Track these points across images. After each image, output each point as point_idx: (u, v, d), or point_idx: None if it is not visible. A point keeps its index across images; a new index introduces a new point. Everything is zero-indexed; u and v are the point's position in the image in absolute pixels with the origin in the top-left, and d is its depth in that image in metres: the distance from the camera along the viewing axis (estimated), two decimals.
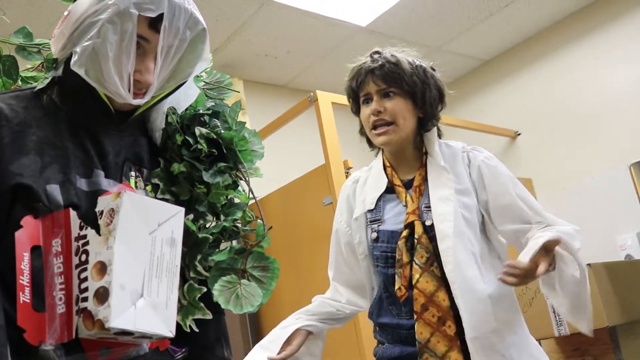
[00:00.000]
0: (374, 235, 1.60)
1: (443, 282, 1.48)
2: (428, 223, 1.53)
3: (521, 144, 4.37)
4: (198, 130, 1.25)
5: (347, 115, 4.28)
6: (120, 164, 1.18)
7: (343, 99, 3.17)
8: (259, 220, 1.32)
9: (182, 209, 1.11)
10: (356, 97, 1.69)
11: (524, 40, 4.43)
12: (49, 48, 1.21)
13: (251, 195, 1.36)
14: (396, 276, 1.52)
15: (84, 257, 1.00)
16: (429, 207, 1.55)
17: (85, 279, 0.98)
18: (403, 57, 1.62)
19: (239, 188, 1.36)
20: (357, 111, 1.72)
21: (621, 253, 3.57)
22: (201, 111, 1.30)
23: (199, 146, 1.24)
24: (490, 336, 1.44)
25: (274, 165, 3.96)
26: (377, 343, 1.66)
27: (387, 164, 1.68)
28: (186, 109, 1.29)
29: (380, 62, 1.60)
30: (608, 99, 3.91)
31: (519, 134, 4.41)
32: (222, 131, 1.29)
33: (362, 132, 1.74)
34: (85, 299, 0.97)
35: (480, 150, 1.67)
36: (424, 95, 1.60)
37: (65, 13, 1.09)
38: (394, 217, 1.60)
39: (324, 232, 2.94)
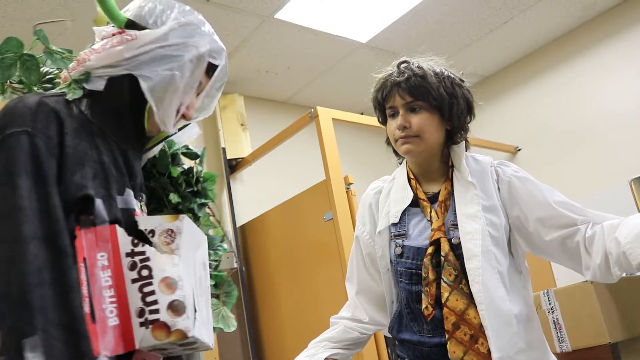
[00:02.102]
0: (399, 250, 1.56)
1: (472, 299, 1.46)
2: (455, 241, 1.50)
3: (521, 160, 4.38)
4: (196, 167, 1.39)
5: (348, 131, 4.30)
6: (139, 187, 1.22)
7: (343, 115, 3.21)
8: (226, 252, 1.48)
9: (206, 237, 1.20)
10: (382, 108, 1.63)
11: (523, 57, 4.45)
12: (65, 57, 1.24)
13: (225, 232, 1.56)
14: (423, 295, 1.50)
15: (145, 272, 1.05)
16: (456, 224, 1.52)
17: (151, 292, 1.04)
18: (430, 68, 1.57)
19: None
20: (383, 121, 1.67)
21: None
22: (183, 150, 1.42)
23: (190, 180, 1.37)
24: (515, 356, 1.42)
25: (274, 181, 3.98)
26: (396, 357, 1.63)
27: (412, 176, 1.64)
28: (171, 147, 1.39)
29: (406, 75, 1.55)
30: (608, 114, 3.92)
31: (519, 150, 4.42)
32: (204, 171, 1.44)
33: (388, 142, 1.69)
34: (154, 311, 1.03)
35: (507, 164, 1.63)
36: (451, 108, 1.56)
37: (128, 37, 1.13)
38: (419, 232, 1.56)
39: (324, 248, 2.94)
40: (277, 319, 3.32)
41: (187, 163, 1.43)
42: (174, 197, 1.32)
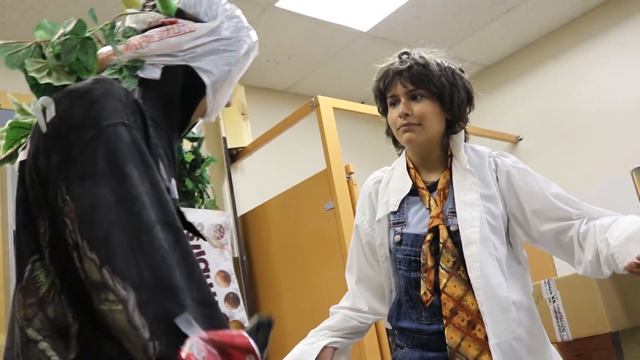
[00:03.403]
0: (397, 237, 1.58)
1: (470, 286, 1.47)
2: (453, 228, 1.52)
3: (522, 149, 4.37)
4: (206, 153, 1.40)
5: (349, 121, 4.29)
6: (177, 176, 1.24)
7: (344, 104, 3.20)
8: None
9: None
10: (383, 97, 1.65)
11: (525, 46, 4.44)
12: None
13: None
14: (421, 281, 1.51)
15: (202, 265, 1.03)
16: (454, 211, 1.53)
17: (210, 284, 1.02)
18: (431, 59, 1.59)
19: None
20: (383, 111, 1.69)
21: None
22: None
23: (198, 164, 1.37)
24: (513, 342, 1.43)
25: (275, 171, 3.98)
26: (395, 347, 1.64)
27: (411, 165, 1.66)
28: None
29: (408, 64, 1.57)
30: (609, 104, 3.91)
31: (520, 139, 4.41)
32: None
33: (388, 132, 1.71)
34: None
35: (506, 155, 1.65)
36: (452, 97, 1.58)
37: (186, 29, 1.13)
38: (418, 220, 1.58)
39: (325, 237, 2.94)
40: (277, 308, 3.33)
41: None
42: (189, 183, 1.34)
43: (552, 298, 2.28)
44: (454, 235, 1.51)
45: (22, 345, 0.93)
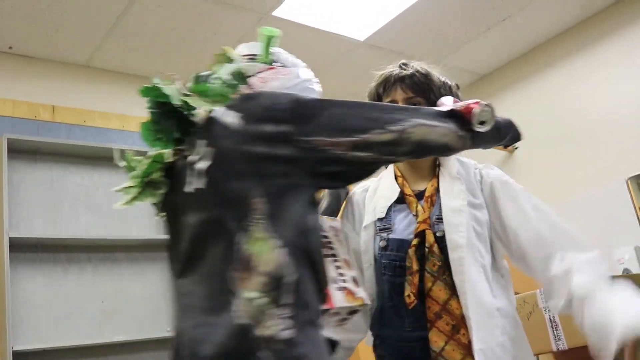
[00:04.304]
0: (383, 243, 1.59)
1: (455, 290, 1.48)
2: (439, 234, 1.53)
3: (518, 158, 4.38)
4: None
5: None
6: None
7: None
8: None
9: None
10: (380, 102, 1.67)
11: (521, 55, 4.46)
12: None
13: None
14: (405, 283, 1.51)
15: (333, 252, 1.35)
16: (441, 218, 1.54)
17: (340, 267, 1.34)
18: (432, 70, 1.64)
19: None
20: None
21: (619, 267, 3.57)
22: None
23: None
24: (496, 348, 1.44)
25: None
26: (377, 357, 1.63)
27: (398, 174, 1.68)
28: None
29: (410, 72, 1.62)
30: (605, 112, 3.92)
31: (516, 148, 4.41)
32: None
33: None
34: (344, 281, 1.32)
35: (492, 167, 1.67)
36: None
37: (287, 72, 1.48)
38: (405, 227, 1.59)
39: None
40: None
41: None
42: None
43: (548, 307, 2.28)
44: (440, 241, 1.52)
45: (240, 306, 1.03)
